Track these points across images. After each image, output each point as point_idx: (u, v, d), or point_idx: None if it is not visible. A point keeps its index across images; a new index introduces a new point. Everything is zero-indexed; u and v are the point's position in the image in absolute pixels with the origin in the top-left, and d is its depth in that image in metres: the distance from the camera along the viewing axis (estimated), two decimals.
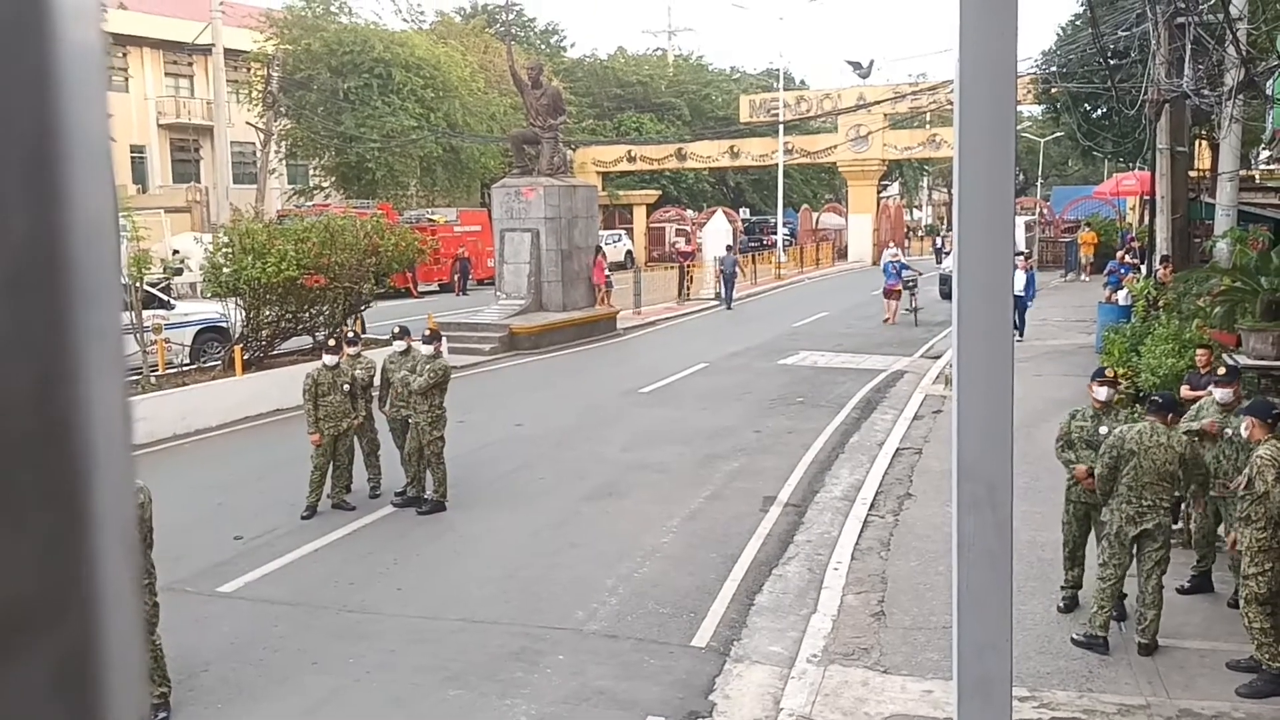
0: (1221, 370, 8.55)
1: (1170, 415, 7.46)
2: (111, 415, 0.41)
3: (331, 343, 11.46)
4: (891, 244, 37.07)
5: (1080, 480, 7.91)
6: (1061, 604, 7.98)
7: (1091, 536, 8.00)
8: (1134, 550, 7.32)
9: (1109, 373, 8.36)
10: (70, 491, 0.39)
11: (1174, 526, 7.80)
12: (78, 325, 0.39)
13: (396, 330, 11.34)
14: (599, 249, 25.61)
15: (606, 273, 26.17)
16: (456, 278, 34.27)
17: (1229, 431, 7.88)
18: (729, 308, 29.96)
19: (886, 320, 26.13)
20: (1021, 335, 19.66)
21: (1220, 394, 8.18)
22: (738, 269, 31.31)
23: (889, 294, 26.52)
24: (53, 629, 0.38)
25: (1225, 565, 8.08)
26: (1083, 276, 34.31)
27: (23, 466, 0.37)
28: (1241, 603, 6.88)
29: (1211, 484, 7.75)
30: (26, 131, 0.38)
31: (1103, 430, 7.87)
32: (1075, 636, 7.38)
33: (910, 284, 26.57)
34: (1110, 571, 7.31)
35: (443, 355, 11.21)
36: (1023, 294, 20.34)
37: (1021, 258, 26.89)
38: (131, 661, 0.42)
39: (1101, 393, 8.09)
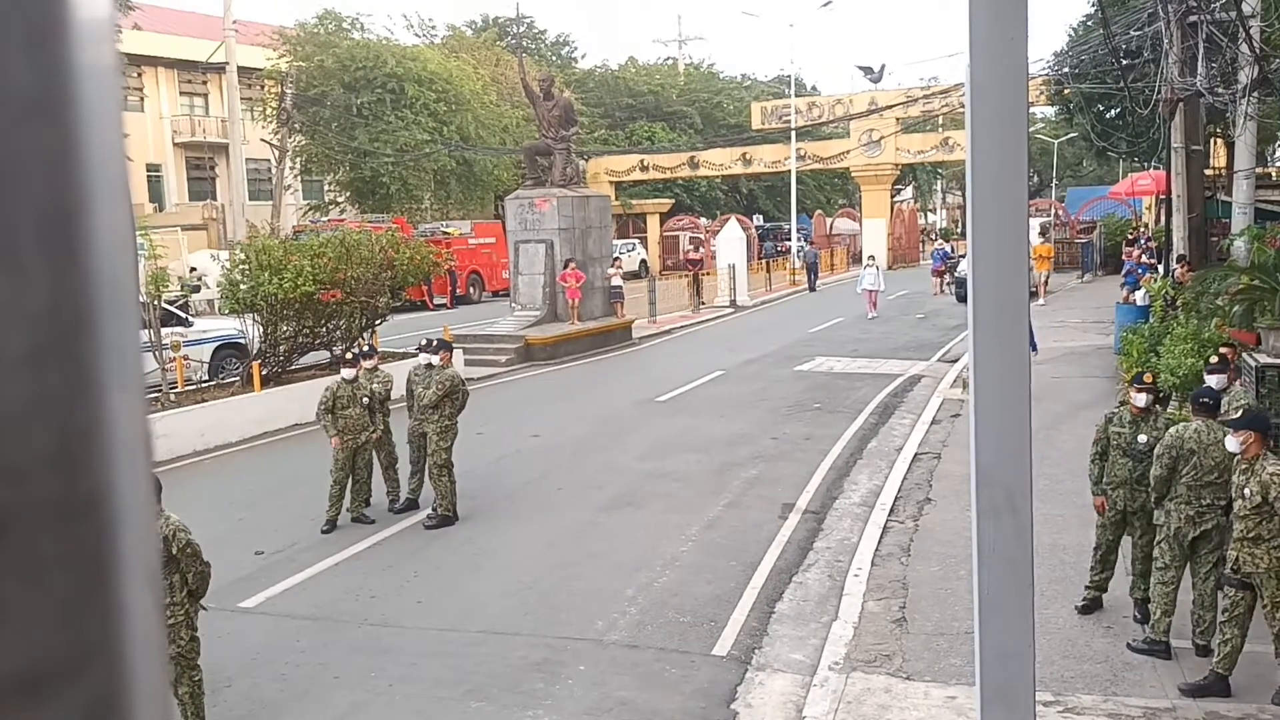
0: (1214, 359, 8.26)
1: (1215, 414, 7.34)
2: (136, 479, 0.41)
3: (349, 356, 11.50)
4: (942, 240, 43.97)
5: (1097, 510, 7.84)
6: (1080, 604, 7.89)
7: (1125, 542, 7.90)
8: (1190, 552, 7.12)
9: (1148, 378, 8.06)
10: (95, 555, 0.39)
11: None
12: (101, 383, 0.39)
13: (422, 343, 11.37)
14: (569, 262, 23.15)
15: (617, 282, 25.44)
16: (473, 289, 34.47)
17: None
18: (813, 290, 37.01)
19: (934, 294, 33.21)
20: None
21: (1215, 380, 8.12)
22: (818, 259, 39.38)
23: (936, 274, 34.27)
24: (79, 678, 0.38)
25: None
26: (1039, 299, 27.47)
27: (46, 530, 0.37)
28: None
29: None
30: (42, 152, 0.38)
31: (1141, 439, 7.68)
32: (1133, 644, 7.20)
33: (954, 266, 32.60)
34: (1172, 574, 7.11)
35: (451, 365, 11.21)
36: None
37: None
38: (158, 706, 0.42)
39: (1141, 399, 7.83)
